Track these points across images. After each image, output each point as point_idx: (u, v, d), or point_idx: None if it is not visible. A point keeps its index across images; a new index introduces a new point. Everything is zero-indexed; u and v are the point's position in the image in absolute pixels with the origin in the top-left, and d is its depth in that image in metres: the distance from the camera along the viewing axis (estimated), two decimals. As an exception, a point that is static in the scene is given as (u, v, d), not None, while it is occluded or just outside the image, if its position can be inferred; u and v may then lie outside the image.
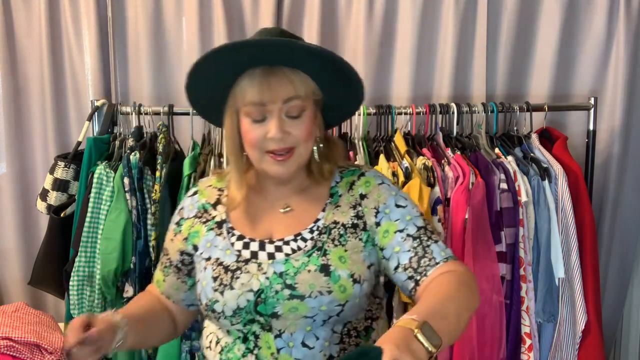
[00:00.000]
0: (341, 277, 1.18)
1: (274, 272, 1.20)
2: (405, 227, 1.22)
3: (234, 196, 1.27)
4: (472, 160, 2.08)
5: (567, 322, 2.16)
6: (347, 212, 1.26)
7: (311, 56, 1.19)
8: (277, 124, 1.18)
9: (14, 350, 1.84)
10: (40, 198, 2.12)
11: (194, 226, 1.32)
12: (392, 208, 1.24)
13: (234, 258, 1.24)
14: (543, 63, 2.47)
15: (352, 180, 1.29)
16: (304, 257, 1.21)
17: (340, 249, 1.22)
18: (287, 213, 1.28)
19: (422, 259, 1.19)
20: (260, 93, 1.17)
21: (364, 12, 2.36)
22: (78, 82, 2.40)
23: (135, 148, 2.01)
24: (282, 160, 1.20)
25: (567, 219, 2.11)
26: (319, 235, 1.24)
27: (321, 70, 1.21)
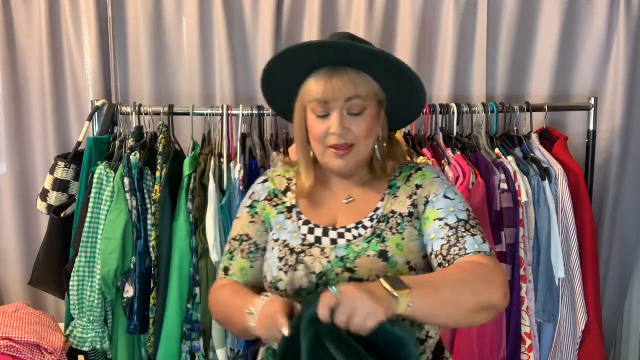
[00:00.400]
0: (398, 263, 1.24)
1: (335, 256, 1.27)
2: (445, 216, 1.27)
3: (303, 183, 1.36)
4: (472, 160, 2.08)
5: (567, 322, 2.16)
6: (404, 201, 1.32)
7: (373, 58, 1.27)
8: (338, 120, 1.26)
9: (14, 350, 1.84)
10: (40, 198, 2.12)
11: (265, 208, 1.40)
12: (440, 198, 1.30)
13: (300, 241, 1.32)
14: (543, 63, 2.47)
15: (409, 174, 1.37)
16: (364, 243, 1.28)
17: (397, 237, 1.28)
18: (349, 203, 1.36)
19: (453, 247, 1.23)
20: (324, 91, 1.26)
21: (364, 12, 2.36)
22: (78, 82, 2.40)
23: (135, 148, 2.01)
24: (342, 155, 1.28)
25: (567, 219, 2.11)
26: (378, 223, 1.31)
27: (384, 72, 1.29)
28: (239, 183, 1.97)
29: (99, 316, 1.98)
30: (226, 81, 2.36)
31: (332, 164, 1.30)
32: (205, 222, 1.94)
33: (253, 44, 2.40)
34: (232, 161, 2.04)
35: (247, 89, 2.42)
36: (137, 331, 1.97)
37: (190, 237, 1.94)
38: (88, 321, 1.98)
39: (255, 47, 2.40)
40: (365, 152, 1.32)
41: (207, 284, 1.94)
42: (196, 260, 1.94)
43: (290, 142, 2.14)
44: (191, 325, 1.95)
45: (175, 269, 1.93)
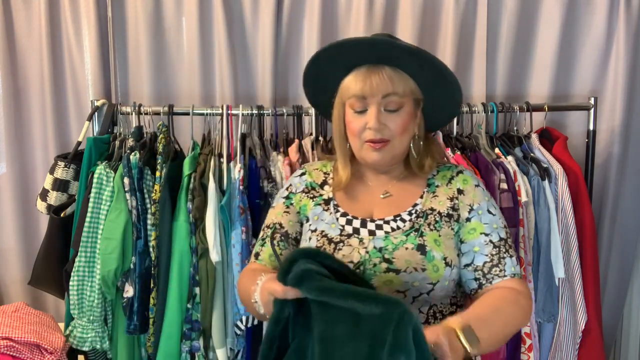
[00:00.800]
0: (435, 258, 1.29)
1: (373, 247, 1.32)
2: (491, 232, 1.34)
3: (340, 176, 1.42)
4: (472, 160, 2.08)
5: (567, 322, 2.16)
6: (444, 202, 1.38)
7: (410, 56, 1.32)
8: (375, 116, 1.31)
9: (14, 350, 1.84)
10: (40, 198, 2.12)
11: (302, 200, 1.46)
12: (485, 212, 1.36)
13: (338, 232, 1.36)
14: (543, 63, 2.47)
15: (450, 175, 1.42)
16: (402, 235, 1.33)
17: (435, 233, 1.33)
18: (386, 198, 1.41)
19: (495, 267, 1.31)
20: (362, 88, 1.32)
21: (364, 12, 2.36)
22: (78, 82, 2.40)
23: (135, 148, 2.01)
24: (378, 148, 1.33)
25: (567, 219, 2.11)
26: (417, 219, 1.35)
27: (422, 72, 1.33)
28: (239, 183, 1.97)
29: (99, 316, 1.98)
30: (226, 81, 2.36)
31: (369, 158, 1.35)
32: (205, 222, 1.94)
33: (253, 44, 2.40)
34: (232, 161, 2.04)
35: (247, 89, 2.42)
36: (137, 331, 1.97)
37: (190, 237, 1.94)
38: (88, 321, 1.98)
39: (255, 47, 2.40)
40: (401, 149, 1.37)
41: (207, 284, 1.94)
42: (196, 260, 1.94)
43: (290, 142, 2.14)
44: (191, 325, 1.95)
45: (175, 269, 1.93)
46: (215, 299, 1.96)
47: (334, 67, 1.38)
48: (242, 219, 1.95)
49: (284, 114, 2.16)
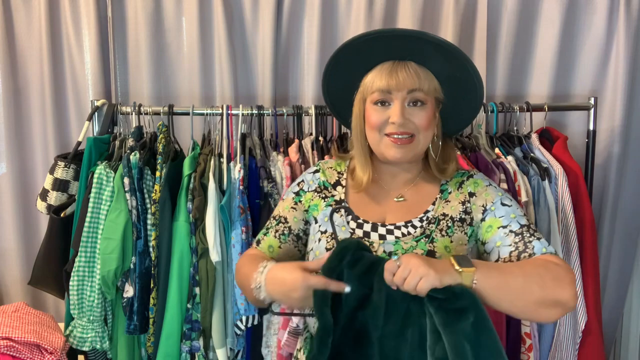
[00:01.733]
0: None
1: (383, 251, 1.31)
2: (509, 223, 1.31)
3: (360, 177, 1.40)
4: (472, 160, 2.08)
5: (567, 321, 2.16)
6: (456, 207, 1.37)
7: (437, 53, 1.30)
8: (399, 109, 1.29)
9: (14, 350, 1.84)
10: (40, 198, 2.12)
11: (313, 199, 1.44)
12: (498, 206, 1.34)
13: (348, 235, 1.36)
14: (543, 63, 2.47)
15: (461, 180, 1.41)
16: (413, 241, 1.32)
17: (446, 239, 1.32)
18: (400, 202, 1.40)
19: (523, 253, 1.27)
20: (388, 81, 1.30)
21: (364, 12, 2.36)
22: (78, 82, 2.40)
23: (135, 148, 2.01)
24: (402, 144, 1.31)
25: (567, 219, 2.11)
26: (428, 225, 1.35)
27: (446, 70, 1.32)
28: (239, 183, 1.97)
29: (99, 316, 1.98)
30: (226, 81, 2.36)
31: (389, 153, 1.33)
32: (205, 222, 1.94)
33: (253, 44, 2.40)
34: (232, 161, 2.04)
35: (247, 89, 2.42)
36: (137, 331, 1.97)
37: (190, 237, 1.94)
38: (88, 321, 1.98)
39: (255, 47, 2.40)
40: (424, 146, 1.35)
41: (207, 284, 1.94)
42: (196, 260, 1.94)
43: (290, 142, 2.14)
44: (191, 325, 1.95)
45: (175, 269, 1.93)
46: (215, 299, 1.96)
47: (357, 63, 1.36)
48: (242, 219, 1.95)
49: (284, 114, 2.16)
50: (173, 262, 1.94)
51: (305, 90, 2.41)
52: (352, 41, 1.36)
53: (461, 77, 1.34)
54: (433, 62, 1.32)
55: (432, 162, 1.39)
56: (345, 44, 1.36)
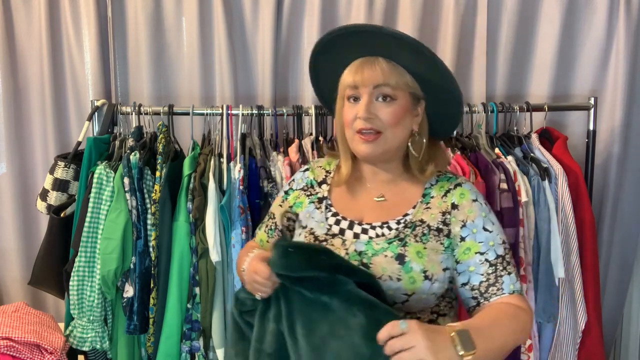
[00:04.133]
0: (413, 270, 1.27)
1: (355, 249, 1.32)
2: (486, 251, 1.30)
3: (342, 171, 1.42)
4: (472, 160, 2.08)
5: (567, 322, 2.16)
6: (436, 216, 1.34)
7: (403, 48, 1.29)
8: (365, 105, 1.30)
9: (14, 350, 1.85)
10: (40, 198, 2.12)
11: (299, 197, 1.48)
12: (480, 229, 1.32)
13: (325, 231, 1.38)
14: (543, 63, 2.47)
15: (447, 187, 1.37)
16: (385, 243, 1.32)
17: (420, 245, 1.31)
18: (380, 202, 1.40)
19: (492, 286, 1.29)
20: (354, 77, 1.32)
21: (364, 12, 2.36)
22: (78, 82, 2.40)
23: (135, 148, 2.01)
24: (368, 141, 1.31)
25: (567, 219, 2.11)
26: (404, 228, 1.33)
27: (418, 64, 1.31)
28: (239, 183, 1.97)
29: (99, 316, 1.98)
30: (226, 81, 2.36)
31: (359, 150, 1.33)
32: (205, 222, 1.94)
33: (253, 44, 2.40)
34: (232, 161, 2.04)
35: (247, 89, 2.42)
36: (137, 331, 1.97)
37: (190, 237, 1.94)
38: (88, 321, 1.98)
39: (255, 47, 2.40)
40: (394, 143, 1.33)
41: (207, 284, 1.94)
42: (196, 260, 1.94)
43: (290, 143, 2.14)
44: (191, 325, 1.95)
45: (175, 269, 1.93)
46: (215, 299, 1.96)
47: (337, 62, 1.37)
48: (242, 219, 1.95)
49: (284, 114, 2.16)
50: (173, 262, 1.94)
51: (305, 90, 2.41)
52: (319, 41, 1.39)
53: (433, 75, 1.33)
54: (401, 58, 1.32)
55: (413, 160, 1.37)
56: (316, 44, 1.40)
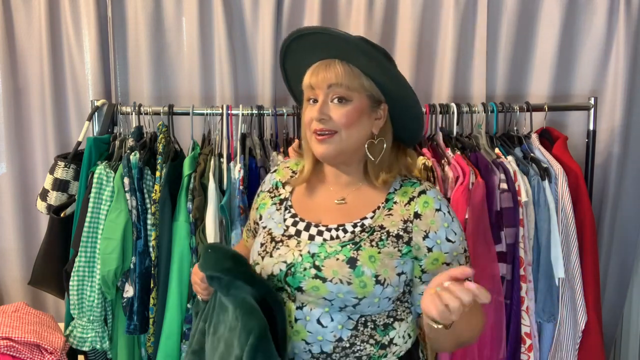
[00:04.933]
0: (365, 274, 1.27)
1: (308, 251, 1.32)
2: (451, 261, 1.31)
3: (304, 171, 1.43)
4: (472, 160, 2.08)
5: (567, 322, 2.16)
6: (397, 223, 1.33)
7: (354, 49, 1.29)
8: (319, 105, 1.31)
9: (14, 350, 1.85)
10: (40, 198, 2.12)
11: (264, 199, 1.50)
12: (443, 240, 1.31)
13: (282, 231, 1.39)
14: (543, 63, 2.47)
15: (411, 194, 1.35)
16: (338, 246, 1.32)
17: (374, 250, 1.30)
18: (340, 205, 1.39)
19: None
20: (310, 78, 1.33)
21: (364, 12, 2.36)
22: (78, 82, 2.40)
23: (135, 148, 2.01)
24: (322, 139, 1.31)
25: (567, 219, 2.11)
26: (360, 232, 1.33)
27: (368, 65, 1.31)
28: (239, 183, 1.97)
29: (98, 316, 1.98)
30: (226, 81, 2.36)
31: (315, 150, 1.33)
32: (205, 222, 1.94)
33: (253, 44, 2.40)
34: (232, 161, 2.04)
35: (247, 89, 2.42)
36: (137, 331, 1.97)
37: (190, 237, 1.94)
38: (88, 321, 1.98)
39: (255, 47, 2.40)
40: (348, 144, 1.32)
41: (207, 284, 1.94)
42: (196, 260, 1.94)
43: (290, 143, 2.14)
44: (191, 325, 1.95)
45: (175, 269, 1.93)
46: (215, 299, 1.96)
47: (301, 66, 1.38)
48: (242, 218, 1.95)
49: (284, 114, 2.16)
50: (173, 262, 1.94)
51: (305, 90, 2.41)
52: (282, 45, 1.39)
53: (385, 79, 1.32)
54: (357, 60, 1.31)
55: (369, 164, 1.35)
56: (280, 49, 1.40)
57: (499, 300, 2.00)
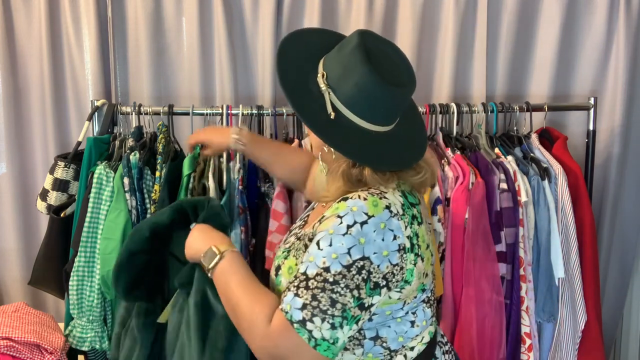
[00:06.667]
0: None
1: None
2: (303, 262, 1.16)
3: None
4: (472, 160, 2.08)
5: (567, 321, 2.16)
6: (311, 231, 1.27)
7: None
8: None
9: (14, 350, 1.85)
10: (40, 198, 2.12)
11: None
12: (314, 241, 1.17)
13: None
14: (543, 63, 2.47)
15: (338, 200, 1.23)
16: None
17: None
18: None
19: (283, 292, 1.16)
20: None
21: (364, 12, 2.36)
22: (78, 82, 2.40)
23: (135, 148, 2.01)
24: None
25: (567, 219, 2.11)
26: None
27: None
28: (239, 183, 1.97)
29: (98, 316, 1.98)
30: (226, 81, 2.36)
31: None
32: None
33: (253, 44, 2.40)
34: (232, 161, 2.04)
35: (247, 89, 2.42)
36: (137, 331, 1.97)
37: (190, 237, 1.93)
38: (87, 321, 1.98)
39: (255, 47, 2.40)
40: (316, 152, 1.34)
41: (207, 284, 1.94)
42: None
43: (290, 142, 2.14)
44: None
45: (175, 269, 1.93)
46: (215, 299, 1.96)
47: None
48: (241, 218, 1.94)
49: (284, 114, 2.16)
50: (173, 262, 1.94)
51: (305, 90, 2.41)
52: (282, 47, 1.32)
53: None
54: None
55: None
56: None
57: (499, 300, 2.00)
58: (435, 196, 1.98)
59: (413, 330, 1.28)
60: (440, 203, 1.98)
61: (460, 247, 1.97)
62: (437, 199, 1.98)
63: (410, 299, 1.24)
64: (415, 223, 1.21)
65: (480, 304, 1.96)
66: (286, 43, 1.29)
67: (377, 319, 1.23)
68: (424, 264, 1.23)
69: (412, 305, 1.26)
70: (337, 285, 1.10)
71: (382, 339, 1.25)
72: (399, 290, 1.20)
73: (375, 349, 1.25)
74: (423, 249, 1.22)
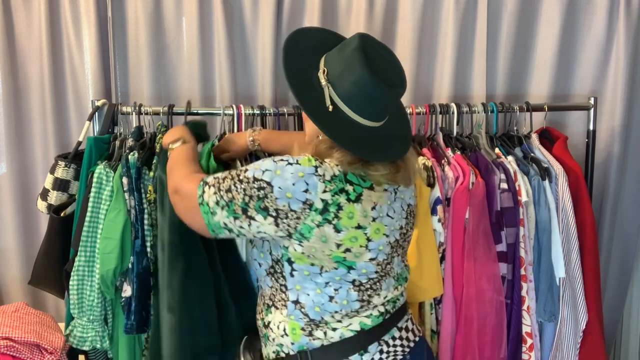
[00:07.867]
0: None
1: None
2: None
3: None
4: (472, 160, 2.08)
5: (568, 321, 2.16)
6: None
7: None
8: None
9: (14, 350, 1.84)
10: (41, 198, 2.12)
11: None
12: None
13: None
14: (543, 63, 2.47)
15: None
16: None
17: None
18: None
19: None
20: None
21: (364, 12, 2.36)
22: (78, 82, 2.40)
23: (135, 148, 2.00)
24: None
25: (567, 219, 2.11)
26: None
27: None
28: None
29: (98, 316, 1.98)
30: (226, 81, 2.36)
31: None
32: (206, 222, 1.93)
33: (253, 44, 2.40)
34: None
35: (247, 89, 2.42)
36: (134, 330, 1.96)
37: (190, 236, 1.93)
38: (88, 321, 1.97)
39: (255, 47, 2.40)
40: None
41: (207, 283, 1.93)
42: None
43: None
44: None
45: (176, 268, 1.93)
46: (215, 299, 1.95)
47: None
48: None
49: (284, 113, 2.15)
50: (173, 262, 1.93)
51: (306, 90, 2.41)
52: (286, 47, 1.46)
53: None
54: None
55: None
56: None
57: (500, 300, 2.00)
58: (435, 196, 1.98)
59: (331, 305, 1.42)
60: (440, 203, 1.98)
61: (460, 247, 1.97)
62: (437, 199, 1.98)
63: (328, 267, 1.38)
64: (343, 197, 1.34)
65: (481, 303, 1.96)
66: (293, 39, 1.43)
67: (297, 277, 1.40)
68: (341, 236, 1.35)
69: (334, 277, 1.39)
70: (240, 184, 1.36)
71: (301, 304, 1.43)
72: (298, 243, 1.36)
73: (296, 312, 1.44)
74: (346, 224, 1.34)
